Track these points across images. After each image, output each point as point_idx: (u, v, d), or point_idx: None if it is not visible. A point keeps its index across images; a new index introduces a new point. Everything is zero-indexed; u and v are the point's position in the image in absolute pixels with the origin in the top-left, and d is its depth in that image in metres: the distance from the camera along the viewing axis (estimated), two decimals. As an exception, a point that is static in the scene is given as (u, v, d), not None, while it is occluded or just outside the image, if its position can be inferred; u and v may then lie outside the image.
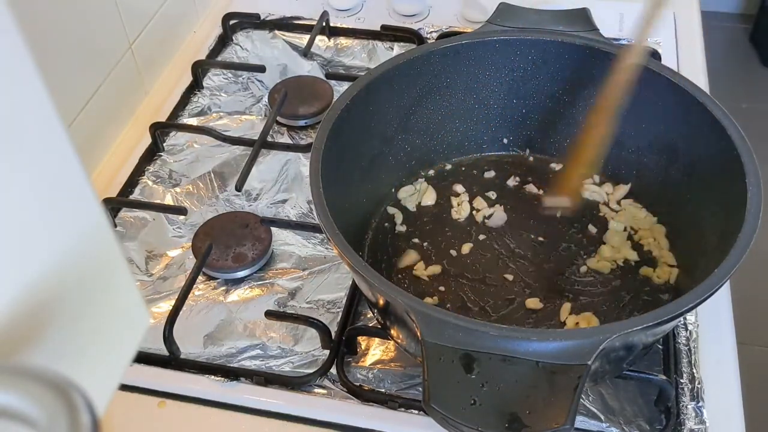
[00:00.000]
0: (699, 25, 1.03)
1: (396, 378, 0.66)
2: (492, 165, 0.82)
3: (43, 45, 0.74)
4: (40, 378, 0.25)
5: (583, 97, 0.78)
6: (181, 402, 0.65)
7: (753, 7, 2.42)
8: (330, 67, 0.99)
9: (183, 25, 1.03)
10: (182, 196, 0.83)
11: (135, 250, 0.77)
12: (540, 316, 0.68)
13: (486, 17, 0.81)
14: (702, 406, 0.62)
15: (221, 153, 0.87)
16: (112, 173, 0.85)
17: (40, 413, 0.24)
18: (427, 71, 0.77)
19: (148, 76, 0.95)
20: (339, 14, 1.05)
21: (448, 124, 0.81)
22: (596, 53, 0.75)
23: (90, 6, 0.82)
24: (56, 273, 0.31)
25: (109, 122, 0.88)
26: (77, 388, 0.25)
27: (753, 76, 2.30)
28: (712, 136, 0.66)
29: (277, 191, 0.83)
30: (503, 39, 0.76)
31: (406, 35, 1.01)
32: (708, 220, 0.67)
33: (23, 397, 0.24)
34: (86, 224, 0.33)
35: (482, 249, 0.74)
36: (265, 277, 0.74)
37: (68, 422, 0.24)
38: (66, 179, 0.31)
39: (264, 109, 0.93)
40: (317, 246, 0.77)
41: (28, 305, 0.29)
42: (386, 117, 0.76)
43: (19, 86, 0.28)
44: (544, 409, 0.49)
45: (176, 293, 0.70)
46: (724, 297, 0.70)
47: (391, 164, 0.78)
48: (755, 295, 1.68)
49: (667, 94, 0.71)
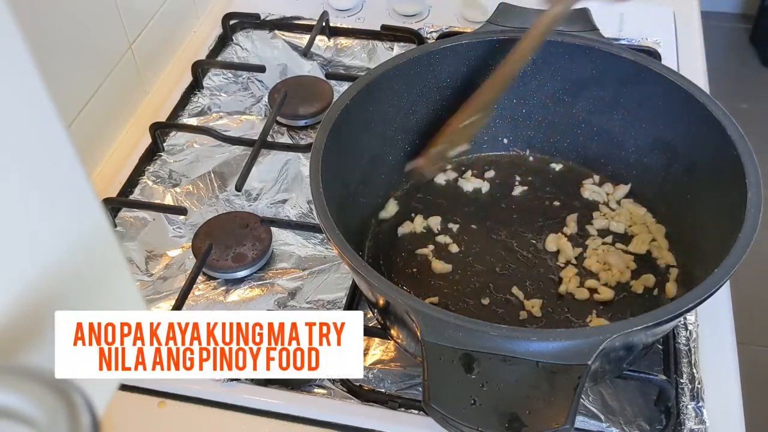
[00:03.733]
0: (699, 25, 1.03)
1: (396, 378, 0.66)
2: (492, 165, 0.82)
3: (43, 45, 0.74)
4: (40, 378, 0.25)
5: (583, 97, 0.78)
6: (181, 402, 0.65)
7: (753, 7, 2.42)
8: (330, 67, 0.99)
9: (183, 25, 1.03)
10: (182, 196, 0.83)
11: (135, 250, 0.77)
12: (541, 320, 0.68)
13: (486, 17, 0.81)
14: (702, 406, 0.62)
15: (221, 153, 0.87)
16: (112, 173, 0.85)
17: (40, 413, 0.24)
18: (427, 71, 0.77)
19: (148, 76, 0.95)
20: (339, 14, 1.05)
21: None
22: (596, 53, 0.75)
23: (90, 6, 0.82)
24: (56, 273, 0.31)
25: (109, 122, 0.88)
26: (77, 388, 0.25)
27: (753, 76, 2.30)
28: (712, 136, 0.66)
29: (277, 191, 0.83)
30: (503, 39, 0.76)
31: (406, 35, 1.01)
32: (708, 220, 0.67)
33: (23, 397, 0.24)
34: (86, 224, 0.33)
35: (482, 248, 0.74)
36: (265, 277, 0.74)
37: (68, 422, 0.24)
38: (66, 179, 0.31)
39: (264, 109, 0.93)
40: (317, 246, 0.77)
41: (29, 305, 0.29)
42: (386, 117, 0.76)
43: (19, 86, 0.28)
44: (545, 408, 0.49)
45: (176, 293, 0.71)
46: (724, 297, 0.70)
47: (391, 164, 0.78)
48: (755, 295, 1.68)
49: (667, 94, 0.71)
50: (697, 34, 1.01)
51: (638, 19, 1.00)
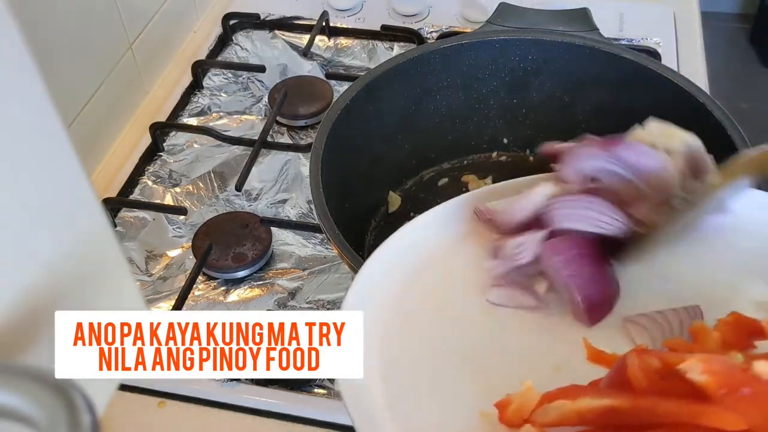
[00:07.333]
0: (699, 25, 1.03)
1: (396, 378, 0.66)
2: (492, 165, 0.82)
3: (43, 45, 0.74)
4: (40, 378, 0.25)
5: (583, 97, 0.78)
6: (181, 402, 0.65)
7: (753, 7, 2.42)
8: (330, 67, 0.99)
9: (183, 25, 1.03)
10: (182, 196, 0.83)
11: (135, 250, 0.77)
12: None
13: (486, 17, 0.81)
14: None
15: (221, 153, 0.87)
16: (112, 173, 0.85)
17: (40, 413, 0.24)
18: (427, 71, 0.77)
19: (148, 76, 0.95)
20: (339, 14, 1.05)
21: (447, 124, 0.81)
22: (596, 53, 0.75)
23: (90, 6, 0.82)
24: (56, 273, 0.31)
25: (109, 122, 0.88)
26: (77, 388, 0.25)
27: (753, 76, 2.30)
28: (712, 137, 0.66)
29: (277, 191, 0.83)
30: (503, 39, 0.76)
31: (406, 35, 1.01)
32: (708, 220, 0.67)
33: (23, 397, 0.24)
34: (86, 224, 0.33)
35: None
36: (265, 277, 0.74)
37: (68, 422, 0.24)
38: (66, 179, 0.31)
39: (264, 109, 0.93)
40: (317, 246, 0.77)
41: (29, 305, 0.29)
42: (386, 117, 0.76)
43: (19, 86, 0.28)
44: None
45: (176, 293, 0.71)
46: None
47: (391, 164, 0.78)
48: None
49: (667, 94, 0.71)
50: (697, 34, 1.01)
51: (638, 19, 1.00)
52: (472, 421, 0.44)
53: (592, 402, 0.41)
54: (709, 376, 0.38)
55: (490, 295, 0.50)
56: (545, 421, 0.42)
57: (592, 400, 0.41)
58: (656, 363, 0.41)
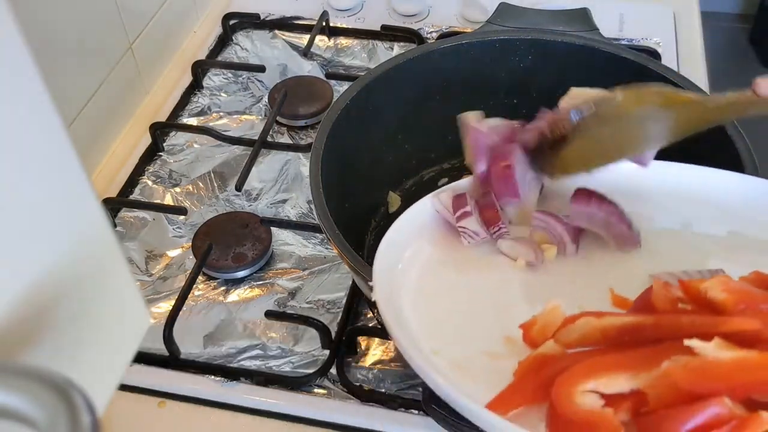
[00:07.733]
0: (699, 25, 1.03)
1: (396, 378, 0.66)
2: (492, 165, 0.82)
3: (43, 45, 0.74)
4: (40, 378, 0.25)
5: (583, 97, 0.78)
6: (181, 402, 0.65)
7: (753, 7, 2.42)
8: (330, 67, 0.99)
9: (183, 25, 1.03)
10: (182, 196, 0.83)
11: (135, 250, 0.77)
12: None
13: (486, 17, 0.81)
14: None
15: (221, 153, 0.87)
16: (112, 173, 0.85)
17: (40, 413, 0.24)
18: (427, 71, 0.77)
19: (148, 76, 0.95)
20: (339, 14, 1.05)
21: (448, 124, 0.80)
22: (596, 53, 0.75)
23: (90, 6, 0.82)
24: (56, 273, 0.31)
25: (109, 122, 0.88)
26: (77, 388, 0.25)
27: (753, 76, 2.29)
28: (712, 137, 0.66)
29: (277, 191, 0.83)
30: (503, 39, 0.76)
31: (406, 35, 1.01)
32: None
33: (23, 397, 0.24)
34: (86, 224, 0.33)
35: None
36: (265, 277, 0.74)
37: (68, 422, 0.24)
38: (66, 179, 0.31)
39: (264, 109, 0.93)
40: (317, 246, 0.77)
41: (28, 305, 0.29)
42: (386, 117, 0.76)
43: (19, 86, 0.28)
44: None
45: (176, 293, 0.71)
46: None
47: (391, 164, 0.78)
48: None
49: (667, 94, 0.71)
50: (697, 34, 1.01)
51: (638, 19, 1.00)
52: (497, 345, 0.49)
53: (616, 320, 0.44)
54: (728, 294, 0.41)
55: (500, 245, 0.57)
56: (568, 340, 0.44)
57: (617, 318, 0.44)
58: (678, 293, 0.44)
